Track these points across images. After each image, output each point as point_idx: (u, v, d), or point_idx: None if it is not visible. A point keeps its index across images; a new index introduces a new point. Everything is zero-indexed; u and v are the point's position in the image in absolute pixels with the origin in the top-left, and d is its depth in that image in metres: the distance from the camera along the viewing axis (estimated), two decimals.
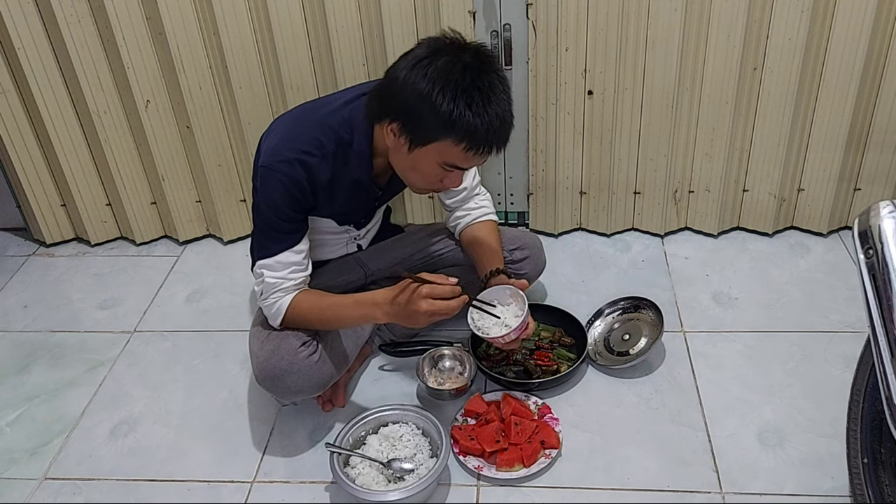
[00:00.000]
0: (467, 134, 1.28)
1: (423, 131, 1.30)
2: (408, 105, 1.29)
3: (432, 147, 1.32)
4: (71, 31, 1.86)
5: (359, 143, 1.43)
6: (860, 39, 1.74)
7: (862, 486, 1.22)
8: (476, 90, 1.27)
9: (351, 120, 1.43)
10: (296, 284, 1.47)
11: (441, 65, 1.27)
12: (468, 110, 1.26)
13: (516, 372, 1.67)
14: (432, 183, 1.42)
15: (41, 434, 1.65)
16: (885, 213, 1.01)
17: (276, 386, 1.46)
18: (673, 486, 1.43)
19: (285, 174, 1.39)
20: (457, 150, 1.30)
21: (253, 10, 1.83)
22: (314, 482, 1.49)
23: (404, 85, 1.29)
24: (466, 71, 1.27)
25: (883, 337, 0.98)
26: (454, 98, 1.26)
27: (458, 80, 1.26)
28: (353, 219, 1.63)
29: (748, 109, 1.89)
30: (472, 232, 1.68)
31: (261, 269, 1.46)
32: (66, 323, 1.97)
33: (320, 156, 1.41)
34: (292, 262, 1.45)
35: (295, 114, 1.50)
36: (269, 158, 1.41)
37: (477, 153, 1.31)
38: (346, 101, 1.46)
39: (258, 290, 1.48)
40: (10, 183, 2.17)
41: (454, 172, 1.38)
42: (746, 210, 2.07)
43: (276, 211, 1.42)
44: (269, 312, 1.49)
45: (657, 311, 1.74)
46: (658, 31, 1.78)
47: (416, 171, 1.39)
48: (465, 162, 1.35)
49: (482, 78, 1.28)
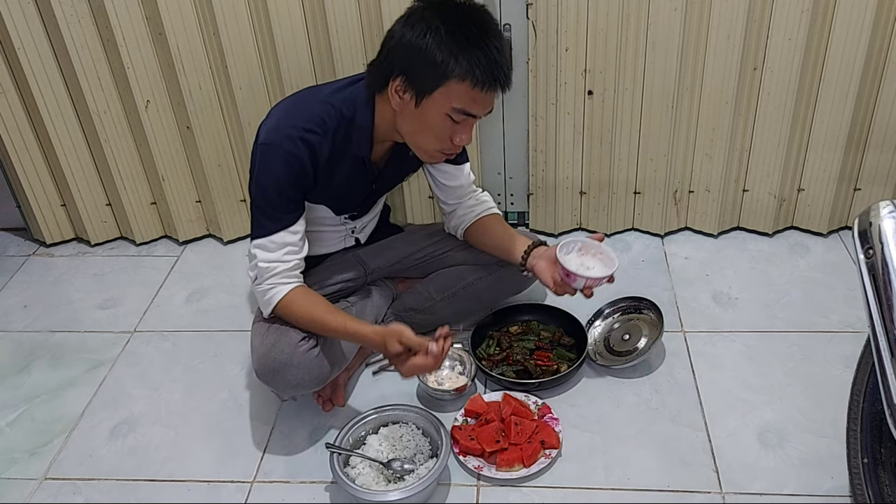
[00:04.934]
0: (471, 67, 1.30)
1: (427, 76, 1.32)
2: (408, 54, 1.32)
3: (439, 93, 1.33)
4: (71, 31, 1.86)
5: (361, 118, 1.44)
6: (860, 39, 1.74)
7: (862, 486, 1.22)
8: (471, 24, 1.31)
9: (353, 98, 1.44)
10: (290, 268, 1.45)
11: (434, 9, 1.32)
12: (466, 41, 1.30)
13: (516, 372, 1.67)
14: (443, 140, 1.41)
15: (41, 434, 1.65)
16: (885, 213, 1.01)
17: (275, 379, 1.46)
18: (673, 486, 1.43)
19: (287, 150, 1.39)
20: (463, 90, 1.32)
21: (253, 10, 1.83)
22: (314, 482, 1.49)
23: (401, 36, 1.33)
24: (458, 9, 1.32)
25: (883, 337, 0.98)
26: (452, 33, 1.29)
27: (453, 17, 1.31)
28: (349, 206, 1.62)
29: (748, 109, 1.89)
30: (482, 225, 1.68)
31: (255, 251, 1.44)
32: (66, 323, 1.97)
33: (322, 133, 1.41)
34: (287, 243, 1.44)
35: (294, 98, 1.50)
36: (271, 135, 1.40)
37: (483, 89, 1.33)
38: (347, 83, 1.48)
39: (252, 275, 1.47)
40: (10, 183, 2.17)
41: (464, 124, 1.39)
42: (746, 210, 2.07)
43: (277, 186, 1.41)
44: (262, 299, 1.47)
45: (657, 311, 1.74)
46: (658, 31, 1.78)
47: (426, 130, 1.40)
48: (473, 104, 1.35)
49: (476, 15, 1.33)
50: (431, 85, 1.33)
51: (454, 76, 1.31)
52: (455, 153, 1.46)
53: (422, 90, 1.34)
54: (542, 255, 1.57)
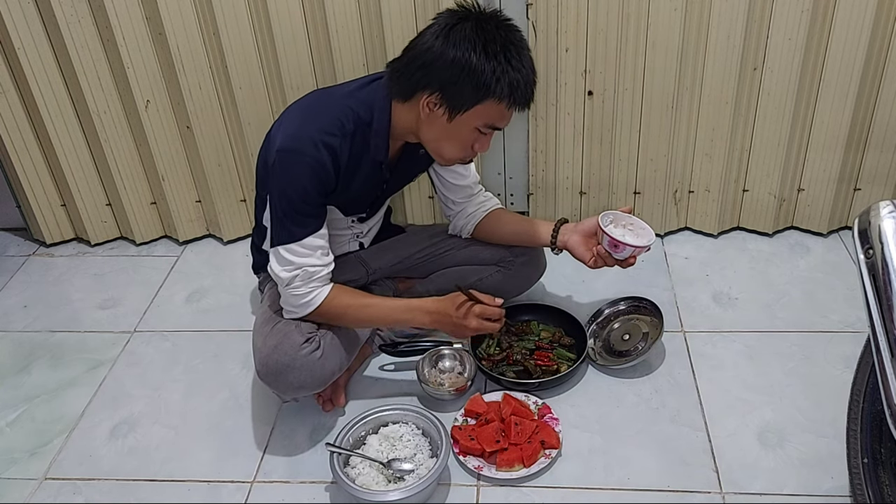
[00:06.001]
0: (511, 89, 1.31)
1: (465, 96, 1.33)
2: (446, 73, 1.31)
3: (475, 111, 1.34)
4: (71, 31, 1.86)
5: (378, 122, 1.44)
6: (860, 39, 1.74)
7: (862, 486, 1.22)
8: (511, 45, 1.31)
9: (369, 101, 1.44)
10: (329, 270, 1.47)
11: (471, 27, 1.30)
12: (509, 65, 1.30)
13: (516, 372, 1.67)
14: (465, 150, 1.44)
15: (41, 434, 1.65)
16: (885, 213, 1.01)
17: (278, 381, 1.46)
18: (673, 486, 1.43)
19: (312, 157, 1.37)
20: (499, 108, 1.34)
21: (253, 10, 1.83)
22: (314, 482, 1.49)
23: (440, 54, 1.31)
24: (499, 30, 1.31)
25: (883, 337, 0.98)
26: (495, 55, 1.29)
27: (494, 37, 1.30)
28: (359, 208, 1.62)
29: (748, 109, 1.89)
30: (495, 217, 1.71)
31: (287, 255, 1.42)
32: (66, 323, 1.97)
33: (341, 136, 1.41)
34: (319, 246, 1.44)
35: (307, 101, 1.49)
36: (293, 142, 1.38)
37: (517, 108, 1.36)
38: (361, 85, 1.47)
39: (287, 277, 1.43)
40: (10, 183, 2.17)
41: (487, 135, 1.41)
42: (746, 210, 2.07)
43: (304, 194, 1.39)
44: (299, 302, 1.45)
45: (657, 311, 1.74)
46: (658, 31, 1.78)
47: (452, 140, 1.41)
48: (502, 120, 1.38)
49: (511, 34, 1.33)
50: (469, 103, 1.33)
51: (493, 96, 1.32)
52: (472, 159, 1.49)
53: (458, 106, 1.34)
54: (572, 231, 1.59)
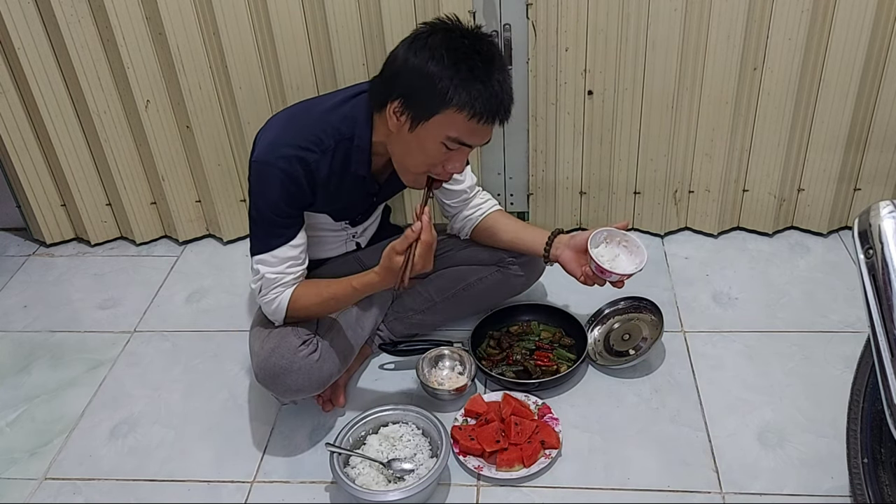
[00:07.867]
0: (471, 99, 1.27)
1: (425, 103, 1.29)
2: (408, 78, 1.29)
3: (435, 121, 1.30)
4: (71, 31, 1.86)
5: (360, 138, 1.42)
6: (860, 39, 1.74)
7: (862, 486, 1.22)
8: (476, 54, 1.28)
9: (352, 116, 1.42)
10: (294, 279, 1.47)
11: (439, 37, 1.29)
12: (470, 74, 1.26)
13: (516, 372, 1.67)
14: (434, 165, 1.37)
15: (41, 434, 1.65)
16: (885, 213, 1.01)
17: (276, 384, 1.46)
18: (673, 486, 1.43)
19: (282, 170, 1.38)
20: (461, 120, 1.29)
21: (253, 10, 1.83)
22: (314, 482, 1.49)
23: (404, 60, 1.30)
24: (465, 38, 1.29)
25: (883, 337, 0.98)
26: (455, 63, 1.26)
27: (457, 46, 1.27)
28: (349, 215, 1.62)
29: (748, 109, 1.89)
30: (492, 221, 1.69)
31: (257, 266, 1.45)
32: (66, 323, 1.97)
33: (319, 152, 1.40)
34: (289, 257, 1.45)
35: (292, 111, 1.49)
36: (266, 154, 1.39)
37: (481, 122, 1.29)
38: (345, 98, 1.45)
39: (255, 287, 1.48)
40: (10, 183, 2.17)
41: (457, 153, 1.35)
42: (746, 210, 2.07)
43: (273, 207, 1.41)
44: (270, 309, 1.48)
45: (657, 311, 1.74)
46: (658, 31, 1.78)
47: (417, 153, 1.35)
48: (470, 135, 1.32)
49: (481, 45, 1.30)
50: (429, 112, 1.30)
51: (453, 105, 1.27)
52: (445, 180, 1.43)
53: (418, 115, 1.31)
54: (565, 245, 1.57)
